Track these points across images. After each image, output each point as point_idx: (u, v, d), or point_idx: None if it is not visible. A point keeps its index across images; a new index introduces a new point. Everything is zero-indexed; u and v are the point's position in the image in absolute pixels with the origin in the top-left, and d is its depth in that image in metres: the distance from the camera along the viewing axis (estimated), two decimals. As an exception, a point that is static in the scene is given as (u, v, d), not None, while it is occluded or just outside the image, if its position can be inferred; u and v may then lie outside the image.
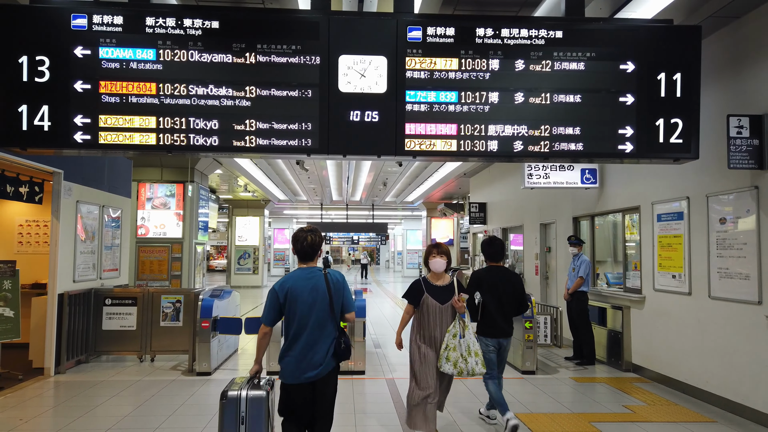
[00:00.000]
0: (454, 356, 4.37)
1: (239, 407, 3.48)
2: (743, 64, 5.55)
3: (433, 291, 4.55)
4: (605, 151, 4.86)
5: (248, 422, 3.45)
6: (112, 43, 4.41)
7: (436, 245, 4.70)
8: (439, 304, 4.51)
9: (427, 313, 4.52)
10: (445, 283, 4.62)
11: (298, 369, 3.50)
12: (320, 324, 3.56)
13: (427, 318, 4.52)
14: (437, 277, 4.63)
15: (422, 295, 4.54)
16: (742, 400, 5.47)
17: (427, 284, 4.60)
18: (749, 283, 5.35)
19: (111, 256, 8.56)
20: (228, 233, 22.86)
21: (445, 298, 4.53)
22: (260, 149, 4.61)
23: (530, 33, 4.79)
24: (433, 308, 4.50)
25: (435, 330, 4.50)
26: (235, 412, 3.47)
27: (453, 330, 4.45)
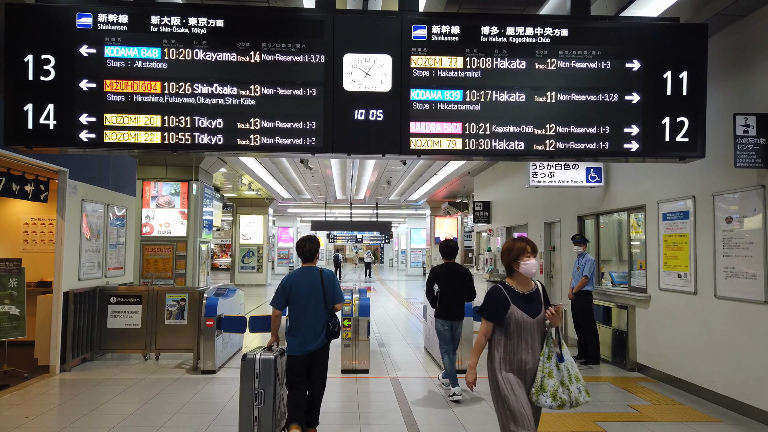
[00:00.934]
0: (552, 385, 3.41)
1: (254, 366, 4.57)
2: (750, 62, 5.52)
3: (520, 301, 3.53)
4: (611, 149, 4.84)
5: (260, 377, 4.57)
6: (117, 41, 4.42)
7: (525, 239, 3.62)
8: (530, 318, 3.50)
9: (516, 332, 3.48)
10: (531, 289, 3.61)
11: (299, 345, 4.62)
12: (315, 310, 4.67)
13: (516, 337, 3.48)
14: (523, 282, 3.60)
15: (508, 308, 3.49)
16: (748, 400, 5.44)
17: (512, 293, 3.55)
18: (756, 282, 5.32)
19: (116, 255, 8.59)
20: (232, 232, 22.90)
21: (535, 309, 3.55)
22: (265, 148, 4.61)
23: (535, 31, 4.77)
24: (523, 324, 3.48)
25: (524, 352, 3.48)
26: (252, 370, 4.58)
27: (547, 350, 3.48)
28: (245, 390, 4.58)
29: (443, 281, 6.27)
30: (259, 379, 4.58)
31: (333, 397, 6.08)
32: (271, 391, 4.57)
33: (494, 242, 14.43)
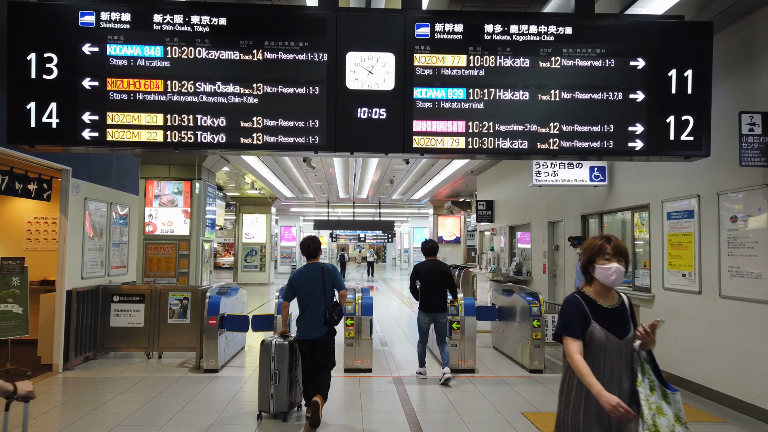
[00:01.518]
0: (667, 424, 2.62)
1: (271, 350, 5.28)
2: (756, 60, 5.48)
3: (602, 317, 2.75)
4: (615, 148, 4.82)
5: (276, 360, 5.26)
6: (119, 40, 4.41)
7: (607, 237, 2.85)
8: (616, 339, 2.72)
9: (597, 357, 2.70)
10: (615, 303, 2.83)
11: (305, 331, 5.17)
12: (317, 300, 5.17)
13: (597, 365, 2.70)
14: (605, 293, 2.82)
15: (588, 325, 2.73)
16: (754, 400, 5.41)
17: (592, 306, 2.78)
18: (761, 282, 5.29)
19: (119, 253, 8.59)
20: (235, 231, 22.92)
21: (622, 328, 2.76)
22: (267, 146, 4.60)
23: (539, 29, 4.75)
24: (608, 347, 2.71)
25: (609, 383, 2.66)
26: (269, 353, 5.29)
27: (647, 380, 2.70)
28: (263, 371, 5.27)
29: (424, 277, 6.78)
30: (275, 361, 5.27)
31: (336, 396, 6.07)
32: (286, 372, 5.25)
33: (497, 241, 14.40)
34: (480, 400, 6.01)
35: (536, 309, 7.21)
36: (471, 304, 7.43)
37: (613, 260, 2.75)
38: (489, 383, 6.71)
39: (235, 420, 5.25)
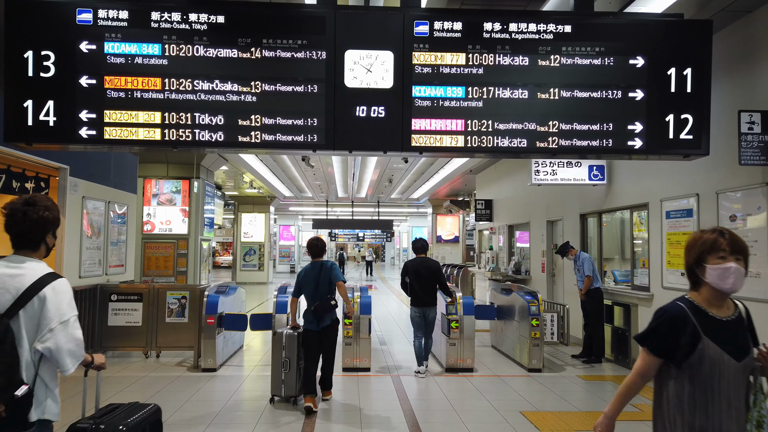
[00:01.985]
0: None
1: (282, 340, 5.81)
2: (755, 59, 5.47)
3: (716, 332, 2.19)
4: (614, 147, 4.81)
5: (287, 349, 5.78)
6: (117, 38, 4.39)
7: (720, 231, 2.28)
8: (734, 360, 2.17)
9: (711, 381, 2.15)
10: (731, 314, 2.28)
11: (311, 323, 5.67)
12: (320, 294, 5.66)
13: (711, 391, 2.15)
14: (719, 301, 2.26)
15: (698, 342, 2.15)
16: (752, 399, 5.40)
17: (703, 317, 2.21)
18: (760, 281, 5.29)
19: (117, 252, 8.57)
20: (234, 230, 22.90)
21: (742, 345, 2.23)
22: (266, 145, 4.58)
23: (538, 28, 4.73)
24: (725, 370, 2.15)
25: (727, 417, 2.15)
26: (280, 342, 5.82)
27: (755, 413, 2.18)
28: (275, 358, 5.82)
29: (412, 274, 7.08)
30: (285, 350, 5.79)
31: (334, 395, 6.06)
32: (295, 360, 5.76)
33: (496, 240, 14.40)
34: (479, 399, 6.00)
35: (535, 308, 7.20)
36: (470, 303, 7.43)
37: (729, 258, 2.18)
38: (488, 382, 6.71)
39: (235, 418, 5.23)
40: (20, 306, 2.24)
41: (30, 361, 2.26)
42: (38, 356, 2.27)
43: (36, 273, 2.32)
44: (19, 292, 2.26)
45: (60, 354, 2.25)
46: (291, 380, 5.75)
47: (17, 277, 2.29)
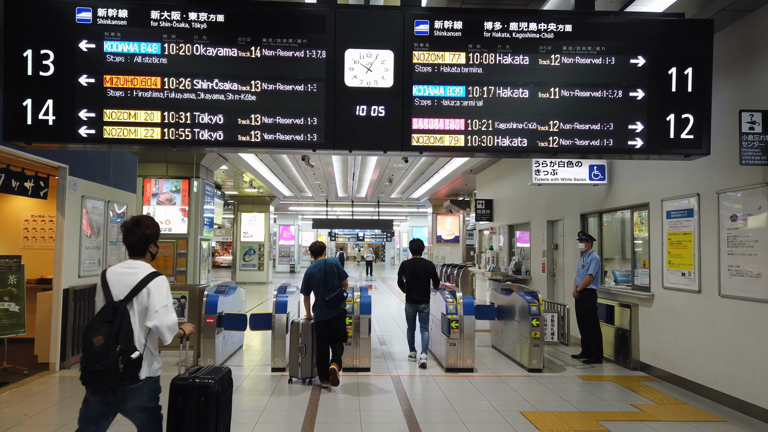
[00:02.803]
0: None
1: (299, 328, 6.65)
2: (756, 58, 5.46)
3: None
4: (615, 146, 4.80)
5: (303, 335, 6.57)
6: (116, 36, 4.38)
7: None
8: None
9: None
10: None
11: (319, 315, 6.38)
12: (325, 289, 6.35)
13: None
14: None
15: None
16: (753, 399, 5.39)
17: None
18: (761, 281, 5.27)
19: (116, 252, 8.55)
20: (233, 229, 22.88)
21: None
22: (265, 144, 4.57)
23: (539, 27, 4.73)
24: None
25: None
26: (297, 330, 6.65)
27: None
28: (293, 344, 6.63)
29: (409, 273, 7.68)
30: (302, 337, 6.56)
31: (334, 395, 6.05)
32: (310, 346, 6.49)
33: (496, 240, 14.38)
34: (479, 399, 5.99)
35: (535, 308, 7.19)
36: (470, 303, 7.41)
37: None
38: (488, 382, 6.69)
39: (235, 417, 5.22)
40: (134, 295, 3.09)
41: (140, 334, 3.09)
42: (146, 331, 3.10)
43: (144, 272, 3.17)
44: (133, 285, 3.10)
45: (162, 329, 3.07)
46: (306, 364, 6.54)
47: (131, 275, 3.14)
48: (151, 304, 3.09)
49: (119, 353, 2.98)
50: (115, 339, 2.99)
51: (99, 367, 2.97)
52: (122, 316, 3.03)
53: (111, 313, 3.06)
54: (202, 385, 3.46)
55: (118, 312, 3.05)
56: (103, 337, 2.99)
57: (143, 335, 3.10)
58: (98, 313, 3.10)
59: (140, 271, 3.17)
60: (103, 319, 3.06)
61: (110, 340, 2.98)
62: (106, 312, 3.08)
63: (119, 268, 3.24)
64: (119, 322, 3.02)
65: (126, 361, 3.00)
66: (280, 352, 7.07)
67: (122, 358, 2.98)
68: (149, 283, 3.12)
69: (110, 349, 2.97)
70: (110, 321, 3.03)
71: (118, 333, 2.99)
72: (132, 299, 3.08)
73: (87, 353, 3.02)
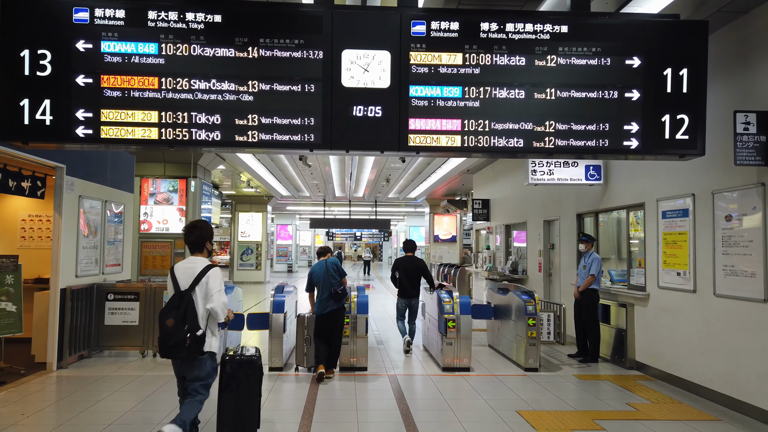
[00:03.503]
0: None
1: (304, 321, 7.19)
2: (751, 59, 5.49)
3: None
4: (610, 147, 4.83)
5: (308, 328, 7.08)
6: (114, 36, 4.39)
7: None
8: None
9: None
10: None
11: (320, 308, 6.83)
12: (326, 286, 6.85)
13: None
14: None
15: None
16: (748, 398, 5.43)
17: None
18: (755, 280, 5.31)
19: (113, 252, 8.56)
20: (231, 229, 22.87)
21: None
22: (263, 144, 4.59)
23: (535, 28, 4.75)
24: None
25: None
26: (303, 323, 7.18)
27: None
28: (299, 336, 7.17)
29: (402, 270, 8.38)
30: (307, 329, 7.07)
31: (331, 394, 6.07)
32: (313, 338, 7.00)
33: (493, 240, 14.42)
34: (475, 398, 6.01)
35: (532, 307, 7.22)
36: (467, 302, 7.43)
37: None
38: (484, 381, 6.72)
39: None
40: (196, 284, 3.91)
41: (202, 316, 3.89)
42: (207, 313, 3.91)
43: (201, 265, 3.99)
44: (194, 276, 3.93)
45: (216, 309, 3.88)
46: (311, 354, 7.07)
47: (192, 268, 3.97)
48: (209, 288, 3.90)
49: (186, 331, 3.76)
50: (183, 320, 3.77)
51: (171, 343, 3.77)
52: (188, 302, 3.83)
53: (179, 299, 3.85)
54: (249, 359, 4.12)
55: (184, 298, 3.84)
56: (173, 319, 3.78)
57: (205, 317, 3.91)
58: (169, 301, 3.90)
59: (198, 265, 3.98)
60: (173, 305, 3.84)
61: (179, 322, 3.77)
62: (174, 299, 3.87)
63: (183, 263, 4.04)
64: (185, 307, 3.82)
65: (192, 338, 3.78)
66: (277, 351, 7.09)
67: (189, 336, 3.76)
68: (206, 274, 3.92)
69: (179, 328, 3.76)
70: (177, 306, 3.82)
71: (184, 315, 3.79)
72: (195, 287, 3.89)
73: (161, 333, 3.80)
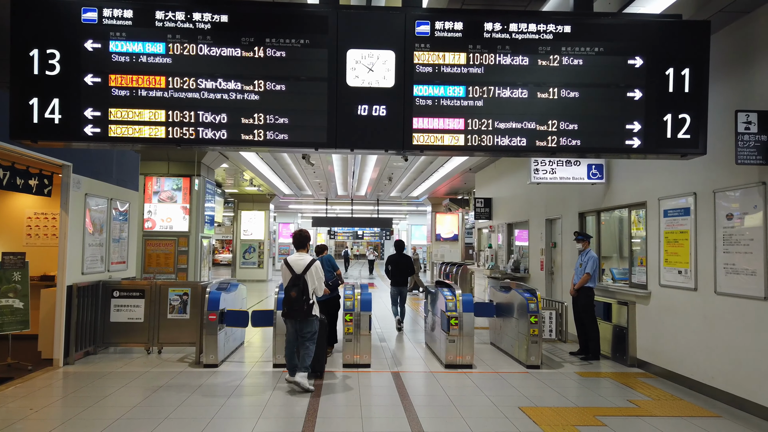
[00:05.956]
0: None
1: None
2: (752, 59, 5.53)
3: None
4: (613, 146, 4.87)
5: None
6: (122, 36, 4.45)
7: None
8: None
9: None
10: None
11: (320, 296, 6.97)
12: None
13: None
14: None
15: None
16: (748, 395, 5.47)
17: None
18: (756, 279, 5.35)
19: (119, 249, 8.62)
20: (233, 227, 22.95)
21: None
22: (268, 143, 4.64)
23: (538, 28, 4.80)
24: None
25: None
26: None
27: None
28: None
29: (393, 264, 10.59)
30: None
31: (335, 390, 6.13)
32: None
33: (495, 239, 14.46)
34: (477, 394, 6.07)
35: (534, 305, 7.26)
36: (469, 300, 7.48)
37: None
38: (486, 378, 6.77)
39: (237, 412, 5.30)
40: (306, 270, 6.00)
41: (311, 292, 6.02)
42: (313, 289, 6.04)
43: (308, 258, 6.17)
44: (305, 265, 6.05)
45: (318, 290, 6.10)
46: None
47: (302, 260, 6.12)
48: (315, 276, 6.07)
49: (304, 301, 5.91)
50: (302, 292, 5.91)
51: (296, 307, 5.91)
52: (303, 282, 5.95)
53: (296, 280, 5.95)
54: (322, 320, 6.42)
55: (300, 280, 5.95)
56: (295, 292, 5.89)
57: (311, 292, 6.02)
58: (289, 281, 5.99)
59: (306, 258, 6.17)
60: (293, 283, 5.95)
61: (299, 294, 5.89)
62: (293, 280, 5.97)
63: (294, 257, 6.19)
64: (302, 285, 5.94)
65: (307, 305, 5.94)
66: (281, 348, 7.14)
67: (305, 304, 5.92)
68: (313, 265, 6.09)
69: (300, 298, 5.89)
70: (296, 284, 5.92)
71: (303, 289, 5.92)
72: (306, 273, 6.00)
73: (287, 301, 5.94)
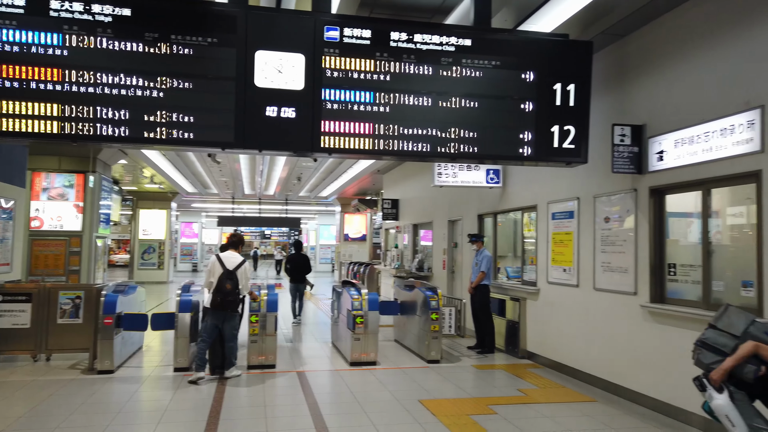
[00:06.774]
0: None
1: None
2: (627, 78, 6.15)
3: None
4: (508, 154, 5.25)
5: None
6: (12, 25, 4.19)
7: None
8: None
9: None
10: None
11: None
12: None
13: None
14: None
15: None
16: (620, 381, 6.09)
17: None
18: (627, 276, 5.97)
19: (2, 250, 7.99)
20: (131, 226, 21.78)
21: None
22: (173, 141, 4.56)
23: (441, 39, 5.07)
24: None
25: None
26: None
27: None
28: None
29: (292, 263, 11.79)
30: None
31: (239, 392, 6.09)
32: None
33: (401, 239, 14.85)
34: (380, 390, 6.27)
35: (435, 303, 7.60)
36: (374, 299, 7.68)
37: None
38: (389, 374, 7.01)
39: (133, 419, 5.13)
40: (238, 268, 6.50)
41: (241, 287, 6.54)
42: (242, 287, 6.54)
43: (240, 258, 6.67)
44: (237, 263, 6.54)
45: (245, 289, 6.65)
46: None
47: (234, 258, 6.62)
48: (243, 274, 6.51)
49: (237, 293, 6.41)
50: (235, 287, 6.36)
51: (230, 298, 6.33)
52: (235, 277, 6.40)
53: (230, 274, 6.36)
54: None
55: (233, 275, 6.39)
56: (230, 285, 6.31)
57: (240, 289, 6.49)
58: (222, 275, 6.32)
59: (238, 257, 6.65)
60: (227, 276, 6.32)
61: (234, 287, 6.35)
62: (227, 274, 6.35)
63: (226, 254, 6.63)
64: (235, 279, 6.38)
65: (239, 299, 6.51)
66: (183, 351, 6.96)
67: (238, 297, 6.46)
68: (244, 264, 6.59)
69: (234, 290, 6.36)
70: (230, 278, 6.34)
71: (235, 284, 6.37)
72: (238, 269, 6.46)
73: (221, 292, 6.28)
